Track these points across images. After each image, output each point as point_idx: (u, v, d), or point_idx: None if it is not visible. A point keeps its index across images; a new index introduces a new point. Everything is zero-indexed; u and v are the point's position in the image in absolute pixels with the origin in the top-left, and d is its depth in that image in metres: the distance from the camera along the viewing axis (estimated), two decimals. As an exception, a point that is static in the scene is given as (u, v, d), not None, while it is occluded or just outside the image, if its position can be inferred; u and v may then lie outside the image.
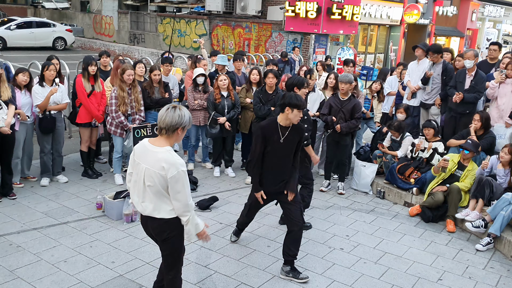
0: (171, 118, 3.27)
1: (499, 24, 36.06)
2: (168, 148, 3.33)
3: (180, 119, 3.29)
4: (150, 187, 3.32)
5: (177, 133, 3.33)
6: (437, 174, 6.34)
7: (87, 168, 7.10)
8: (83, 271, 4.53)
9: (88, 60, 6.69)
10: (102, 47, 24.69)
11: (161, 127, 3.31)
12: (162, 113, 3.31)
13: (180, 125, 3.30)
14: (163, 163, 3.24)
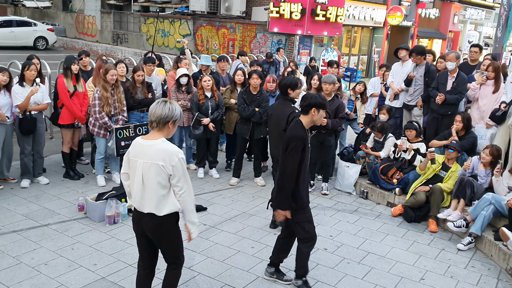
0: (161, 111, 3.32)
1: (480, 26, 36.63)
2: (163, 139, 3.36)
3: (170, 112, 3.33)
4: (149, 183, 3.32)
5: (168, 126, 3.37)
6: (423, 171, 6.39)
7: (69, 169, 7.01)
8: (64, 274, 4.47)
9: (70, 59, 6.60)
10: (84, 47, 24.45)
11: (152, 120, 3.36)
12: (153, 106, 3.37)
13: (171, 118, 3.35)
14: (162, 153, 3.28)
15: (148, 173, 3.32)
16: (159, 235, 3.50)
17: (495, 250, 5.27)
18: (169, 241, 3.56)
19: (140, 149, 3.38)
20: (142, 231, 3.55)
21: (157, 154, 3.29)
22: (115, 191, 5.89)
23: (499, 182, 5.77)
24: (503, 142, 6.61)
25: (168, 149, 3.32)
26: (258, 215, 6.15)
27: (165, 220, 3.43)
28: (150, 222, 3.43)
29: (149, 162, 3.31)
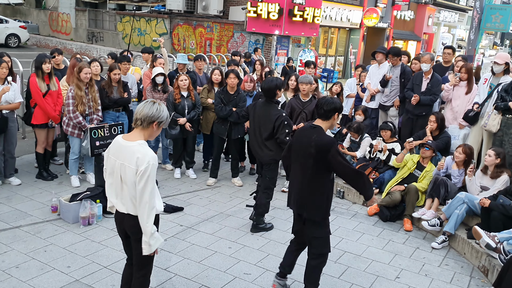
0: (148, 110, 3.27)
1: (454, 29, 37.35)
2: (141, 142, 3.29)
3: (158, 112, 3.29)
4: (127, 184, 3.27)
5: (152, 127, 3.31)
6: (400, 163, 6.46)
7: (42, 170, 6.86)
8: (37, 277, 4.37)
9: (41, 58, 6.43)
10: (58, 45, 24.01)
11: (137, 118, 3.30)
12: (141, 105, 3.33)
13: (156, 119, 3.29)
14: (135, 156, 3.21)
15: (125, 174, 3.28)
16: (137, 236, 3.42)
17: (468, 248, 5.36)
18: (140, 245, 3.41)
19: (118, 148, 3.33)
20: (124, 232, 3.49)
21: (131, 156, 3.23)
22: (89, 191, 5.79)
23: (472, 182, 5.88)
24: (476, 142, 6.74)
25: (142, 152, 3.21)
26: (235, 216, 6.13)
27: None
28: (131, 222, 3.37)
29: (124, 164, 3.26)
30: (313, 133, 3.93)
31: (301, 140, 4.02)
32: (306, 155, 3.92)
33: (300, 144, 4.02)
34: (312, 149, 3.86)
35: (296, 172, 4.10)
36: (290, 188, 4.23)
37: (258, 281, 4.59)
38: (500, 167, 5.65)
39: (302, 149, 3.98)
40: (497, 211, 5.12)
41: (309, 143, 3.89)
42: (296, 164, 4.10)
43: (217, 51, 19.41)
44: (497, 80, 6.63)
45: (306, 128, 4.08)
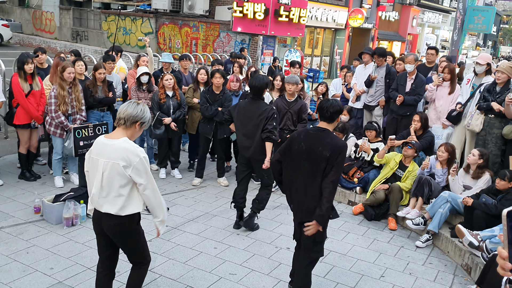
0: (132, 110, 3.31)
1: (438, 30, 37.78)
2: (125, 138, 3.30)
3: (141, 113, 3.34)
4: (111, 182, 3.25)
5: (134, 127, 3.34)
6: (381, 158, 6.50)
7: (25, 170, 6.77)
8: (18, 279, 4.30)
9: (23, 58, 6.32)
10: (42, 44, 23.72)
11: (121, 117, 3.32)
12: (125, 105, 3.36)
13: (140, 119, 3.33)
14: (123, 152, 3.22)
15: (108, 173, 3.25)
16: (121, 235, 3.43)
17: (452, 247, 5.42)
18: (132, 241, 3.48)
19: (102, 147, 3.31)
20: (102, 231, 3.46)
21: (117, 153, 3.23)
22: (73, 192, 5.72)
23: (455, 181, 5.94)
24: (459, 141, 6.82)
25: (129, 148, 3.25)
26: (221, 216, 6.12)
27: (126, 220, 3.35)
28: (111, 222, 3.34)
29: (110, 162, 3.24)
30: (325, 137, 3.86)
31: (310, 144, 3.87)
32: (318, 158, 3.81)
33: (309, 148, 3.87)
34: (327, 152, 3.76)
35: (298, 178, 3.95)
36: (294, 196, 4.04)
37: (243, 281, 4.59)
38: (482, 167, 5.72)
39: (312, 153, 3.85)
40: (479, 210, 5.18)
41: (323, 146, 3.79)
42: (298, 169, 3.95)
43: (203, 51, 19.36)
44: (480, 80, 6.72)
45: (311, 131, 3.96)
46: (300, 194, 3.96)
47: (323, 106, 3.95)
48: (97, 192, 3.34)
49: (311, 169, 3.86)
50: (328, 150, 3.77)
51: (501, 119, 6.11)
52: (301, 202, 3.97)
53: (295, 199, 4.03)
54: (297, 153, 3.94)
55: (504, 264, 1.48)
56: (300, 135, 4.01)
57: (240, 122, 5.57)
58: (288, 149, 4.04)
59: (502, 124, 6.10)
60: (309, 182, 3.89)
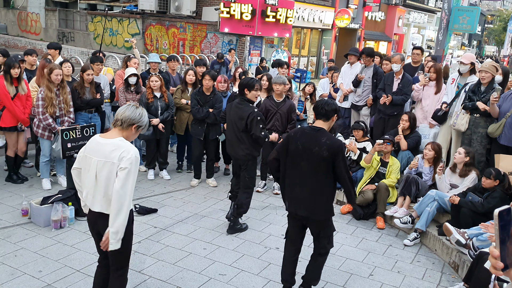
0: (131, 112, 3.34)
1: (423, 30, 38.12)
2: (120, 138, 3.31)
3: (139, 116, 3.37)
4: (103, 182, 3.25)
5: (131, 129, 3.36)
6: (368, 164, 6.54)
7: (12, 173, 6.70)
8: (7, 283, 4.27)
9: (10, 62, 6.25)
10: (28, 46, 23.47)
11: (118, 118, 3.34)
12: (124, 107, 3.38)
13: (137, 122, 3.36)
14: (117, 150, 3.22)
15: (101, 171, 3.25)
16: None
17: (439, 245, 5.49)
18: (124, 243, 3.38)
19: (96, 146, 3.32)
20: (98, 231, 3.45)
21: (112, 152, 3.23)
22: (61, 194, 5.68)
23: (441, 180, 6.01)
24: (445, 140, 6.90)
25: (124, 146, 3.26)
26: (210, 216, 6.12)
27: None
28: (104, 222, 3.31)
29: (103, 160, 3.24)
30: (321, 136, 3.92)
31: (306, 144, 3.94)
32: (317, 158, 3.88)
33: (306, 148, 3.93)
34: (325, 152, 3.84)
35: (296, 176, 4.02)
36: (291, 193, 4.10)
37: (233, 281, 4.60)
38: (468, 165, 5.79)
39: (309, 153, 3.91)
40: (466, 208, 5.25)
41: (320, 146, 3.86)
42: (295, 168, 4.01)
43: (190, 52, 19.33)
44: (464, 80, 6.80)
45: (307, 131, 4.01)
46: (298, 191, 4.05)
47: (318, 104, 4.04)
48: (90, 191, 3.33)
49: (309, 168, 3.94)
50: (326, 150, 3.85)
51: (486, 118, 6.19)
52: (298, 199, 4.06)
53: (293, 196, 4.10)
54: (294, 152, 4.02)
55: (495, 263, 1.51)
56: (296, 134, 4.07)
57: (229, 122, 5.64)
58: (286, 148, 4.11)
59: (487, 123, 6.18)
60: (307, 180, 3.98)
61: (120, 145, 3.26)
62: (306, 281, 4.32)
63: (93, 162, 3.29)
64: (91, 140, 3.40)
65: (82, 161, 3.40)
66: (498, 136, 6.01)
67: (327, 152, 3.85)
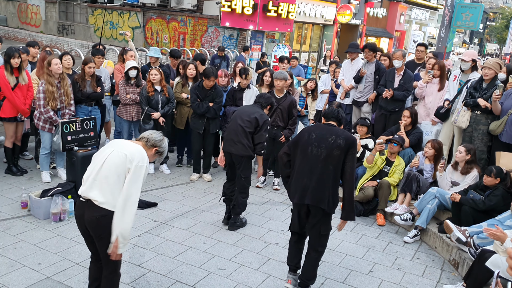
0: (157, 136, 3.58)
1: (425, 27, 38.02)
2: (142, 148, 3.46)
3: (163, 143, 3.60)
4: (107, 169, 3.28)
5: (152, 150, 3.54)
6: (371, 164, 6.52)
7: (11, 165, 6.68)
8: (6, 275, 4.26)
9: (10, 52, 6.22)
10: (28, 38, 23.39)
11: (145, 137, 3.55)
12: (152, 132, 3.62)
13: (159, 146, 3.56)
14: (135, 151, 3.35)
15: (111, 159, 3.30)
16: (100, 230, 3.31)
17: (439, 242, 5.48)
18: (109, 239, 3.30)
19: (118, 143, 3.45)
20: (85, 228, 3.40)
21: (131, 148, 3.36)
22: (61, 187, 5.67)
23: (442, 177, 6.00)
24: (447, 138, 6.89)
25: (142, 152, 3.39)
26: (209, 211, 6.11)
27: (109, 214, 3.25)
28: (93, 214, 3.27)
29: (117, 151, 3.33)
30: (337, 129, 4.10)
31: (321, 134, 4.06)
32: (332, 145, 3.98)
33: (320, 137, 4.04)
34: (342, 141, 3.97)
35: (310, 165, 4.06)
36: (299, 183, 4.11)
37: (233, 276, 4.59)
38: (470, 163, 5.78)
39: (324, 141, 4.01)
40: (467, 206, 5.24)
41: (337, 135, 4.00)
42: (306, 156, 4.08)
43: (191, 46, 19.26)
44: (466, 76, 6.78)
45: (322, 125, 4.19)
46: (306, 180, 4.07)
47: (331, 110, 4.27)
48: (92, 175, 3.34)
49: (321, 155, 4.01)
50: (343, 139, 3.98)
51: (487, 116, 6.17)
52: (306, 187, 4.06)
53: (300, 185, 4.10)
54: (306, 142, 4.10)
55: None
56: (310, 128, 4.23)
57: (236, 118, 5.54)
58: (297, 141, 4.19)
59: (489, 121, 6.16)
60: (316, 167, 4.03)
61: (139, 150, 3.39)
62: (302, 281, 4.31)
63: (106, 151, 3.37)
64: (115, 140, 3.56)
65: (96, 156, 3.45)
66: (500, 134, 5.99)
67: (344, 141, 3.97)
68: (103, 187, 3.28)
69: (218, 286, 4.39)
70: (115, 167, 3.27)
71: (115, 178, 3.27)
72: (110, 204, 3.27)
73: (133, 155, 3.29)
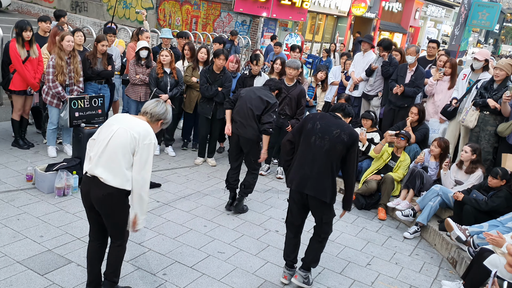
0: (160, 109, 3.50)
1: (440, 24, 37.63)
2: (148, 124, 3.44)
3: (167, 113, 3.55)
4: (114, 146, 3.29)
5: (157, 124, 3.52)
6: (378, 154, 6.51)
7: (18, 137, 6.73)
8: (8, 245, 4.32)
9: (22, 25, 6.22)
10: (41, 12, 23.35)
11: (147, 111, 3.48)
12: (154, 103, 3.52)
13: (163, 118, 3.53)
14: (142, 129, 3.34)
15: (118, 137, 3.30)
16: (107, 207, 3.38)
17: (439, 240, 5.49)
18: (116, 216, 3.46)
19: (123, 118, 3.43)
20: (91, 204, 3.45)
21: (137, 126, 3.35)
22: (66, 162, 5.71)
23: (446, 176, 5.98)
24: (453, 137, 6.86)
25: (149, 130, 3.38)
26: (212, 195, 6.14)
27: (115, 191, 3.32)
28: (99, 192, 3.32)
29: (124, 128, 3.32)
30: (342, 123, 4.10)
31: (326, 125, 4.05)
32: (336, 140, 3.97)
33: (325, 128, 4.04)
34: (346, 136, 3.97)
35: (312, 155, 4.07)
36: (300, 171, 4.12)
37: (231, 260, 4.63)
38: (475, 163, 5.76)
39: (328, 133, 4.01)
40: (469, 205, 5.23)
41: (342, 129, 4.01)
42: (312, 146, 4.07)
43: (203, 30, 19.17)
44: (476, 76, 6.72)
45: (327, 115, 4.18)
46: (307, 169, 4.07)
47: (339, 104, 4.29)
48: (98, 153, 3.35)
49: (324, 147, 4.01)
50: (347, 135, 3.98)
51: (495, 117, 6.13)
52: (306, 176, 4.07)
53: (301, 174, 4.10)
54: (310, 131, 4.09)
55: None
56: (316, 116, 4.21)
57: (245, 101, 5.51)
58: (301, 129, 4.19)
59: (497, 122, 6.12)
60: (318, 158, 4.03)
61: (146, 128, 3.38)
62: (305, 263, 4.34)
63: (113, 129, 3.35)
64: (117, 115, 3.52)
65: (101, 131, 3.45)
66: (508, 136, 5.95)
67: (348, 137, 3.98)
68: (109, 165, 3.30)
69: (216, 268, 4.43)
70: (122, 147, 3.28)
71: (121, 157, 3.29)
72: (116, 182, 3.30)
73: (140, 134, 3.30)
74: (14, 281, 3.82)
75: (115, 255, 3.62)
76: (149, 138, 3.33)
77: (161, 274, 4.22)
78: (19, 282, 3.82)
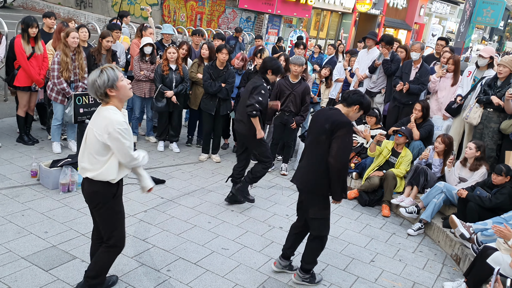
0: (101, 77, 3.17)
1: (444, 21, 37.45)
2: (110, 106, 3.28)
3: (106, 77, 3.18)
4: (89, 146, 3.32)
5: (112, 96, 3.24)
6: (373, 152, 6.52)
7: (23, 133, 6.76)
8: (13, 240, 4.34)
9: (29, 21, 6.25)
10: (45, 9, 23.40)
11: (93, 91, 3.25)
12: (89, 85, 3.24)
13: (106, 84, 3.18)
14: (102, 121, 3.24)
15: (89, 137, 3.32)
16: (93, 203, 3.44)
17: (443, 237, 5.48)
18: (102, 213, 3.46)
19: (95, 115, 3.38)
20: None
21: (98, 121, 3.26)
22: (71, 158, 5.73)
23: (451, 173, 5.97)
24: (457, 133, 6.83)
25: (109, 117, 3.20)
26: (216, 191, 6.15)
27: (101, 188, 3.35)
28: (88, 188, 3.39)
29: (90, 128, 3.32)
30: (332, 113, 3.99)
31: (318, 119, 4.08)
32: (320, 131, 3.93)
33: (315, 121, 4.09)
34: (327, 125, 3.87)
35: (306, 149, 4.16)
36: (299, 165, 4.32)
37: (235, 256, 4.64)
38: (479, 159, 5.74)
39: (317, 126, 4.02)
40: (473, 202, 5.22)
41: (326, 119, 3.93)
42: (307, 141, 4.17)
43: (207, 26, 19.17)
44: (481, 73, 6.70)
45: (324, 109, 4.21)
46: (301, 163, 4.24)
47: (348, 91, 4.17)
48: (80, 155, 3.41)
49: (311, 140, 4.07)
50: (329, 123, 3.88)
51: (499, 114, 6.10)
52: (298, 169, 4.25)
53: (300, 168, 4.23)
54: (310, 126, 4.20)
55: None
56: (318, 112, 4.23)
57: (242, 97, 5.64)
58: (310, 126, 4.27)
59: (500, 119, 6.10)
60: (307, 151, 4.12)
61: (105, 116, 3.22)
62: (301, 263, 4.32)
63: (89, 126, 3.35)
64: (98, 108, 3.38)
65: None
66: (511, 133, 5.93)
67: (330, 124, 3.86)
68: (89, 165, 3.34)
69: (220, 265, 4.45)
70: (94, 145, 3.29)
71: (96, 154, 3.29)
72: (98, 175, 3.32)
73: (101, 130, 3.21)
74: (19, 276, 3.85)
75: (101, 256, 3.57)
76: (107, 131, 3.17)
77: (165, 270, 4.24)
78: (23, 277, 3.84)
